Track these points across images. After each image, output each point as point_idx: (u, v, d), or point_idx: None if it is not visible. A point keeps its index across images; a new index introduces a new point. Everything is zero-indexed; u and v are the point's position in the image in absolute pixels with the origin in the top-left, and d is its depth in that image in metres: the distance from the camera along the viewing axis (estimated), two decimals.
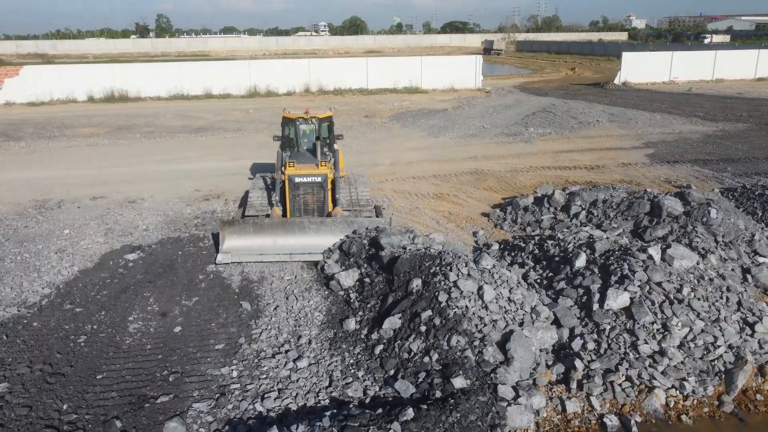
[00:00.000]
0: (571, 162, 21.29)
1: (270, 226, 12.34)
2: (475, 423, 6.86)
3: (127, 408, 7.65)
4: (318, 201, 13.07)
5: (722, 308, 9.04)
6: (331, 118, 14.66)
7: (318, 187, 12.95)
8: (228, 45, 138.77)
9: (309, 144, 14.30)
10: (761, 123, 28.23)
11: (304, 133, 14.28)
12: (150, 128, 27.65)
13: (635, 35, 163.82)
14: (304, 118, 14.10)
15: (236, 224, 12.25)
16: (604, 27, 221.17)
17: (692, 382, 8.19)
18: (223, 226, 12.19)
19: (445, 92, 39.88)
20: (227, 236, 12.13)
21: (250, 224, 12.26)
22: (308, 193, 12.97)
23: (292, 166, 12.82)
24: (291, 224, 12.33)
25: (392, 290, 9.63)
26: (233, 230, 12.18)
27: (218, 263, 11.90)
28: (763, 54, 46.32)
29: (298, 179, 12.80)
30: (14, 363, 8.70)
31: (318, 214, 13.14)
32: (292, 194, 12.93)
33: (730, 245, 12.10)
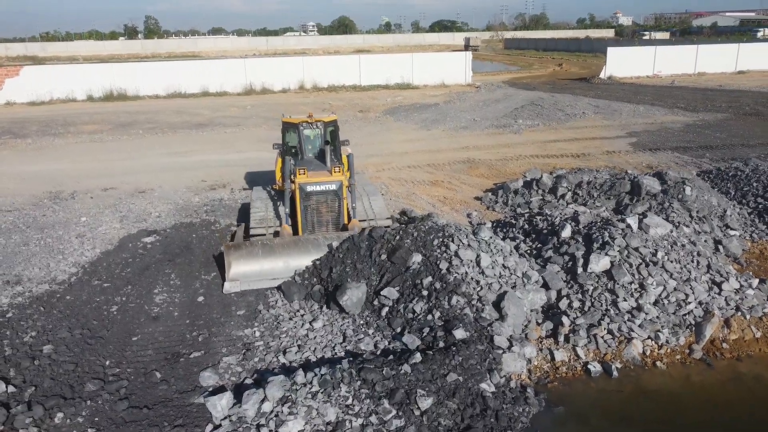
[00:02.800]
0: (558, 151, 22.33)
1: (281, 246, 11.04)
2: (474, 366, 7.83)
3: (163, 362, 8.57)
4: (332, 211, 11.81)
5: (693, 270, 10.08)
6: (336, 121, 13.43)
7: (332, 195, 11.66)
8: (218, 45, 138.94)
9: (314, 151, 13.12)
10: (739, 113, 29.45)
11: (308, 138, 13.04)
12: (151, 124, 28.46)
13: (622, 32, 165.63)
14: (308, 122, 12.84)
15: (243, 247, 10.92)
16: (591, 24, 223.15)
17: (666, 334, 9.21)
18: (228, 250, 10.82)
19: (436, 88, 40.93)
20: (233, 262, 10.73)
21: (258, 246, 10.98)
22: (321, 202, 11.71)
23: (302, 173, 11.39)
24: (305, 242, 11.06)
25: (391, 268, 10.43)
26: (240, 254, 10.81)
27: (226, 293, 10.55)
28: (743, 48, 47.75)
29: (310, 188, 11.45)
30: (54, 329, 9.56)
31: (332, 226, 11.93)
32: (304, 205, 11.61)
33: (704, 219, 13.20)
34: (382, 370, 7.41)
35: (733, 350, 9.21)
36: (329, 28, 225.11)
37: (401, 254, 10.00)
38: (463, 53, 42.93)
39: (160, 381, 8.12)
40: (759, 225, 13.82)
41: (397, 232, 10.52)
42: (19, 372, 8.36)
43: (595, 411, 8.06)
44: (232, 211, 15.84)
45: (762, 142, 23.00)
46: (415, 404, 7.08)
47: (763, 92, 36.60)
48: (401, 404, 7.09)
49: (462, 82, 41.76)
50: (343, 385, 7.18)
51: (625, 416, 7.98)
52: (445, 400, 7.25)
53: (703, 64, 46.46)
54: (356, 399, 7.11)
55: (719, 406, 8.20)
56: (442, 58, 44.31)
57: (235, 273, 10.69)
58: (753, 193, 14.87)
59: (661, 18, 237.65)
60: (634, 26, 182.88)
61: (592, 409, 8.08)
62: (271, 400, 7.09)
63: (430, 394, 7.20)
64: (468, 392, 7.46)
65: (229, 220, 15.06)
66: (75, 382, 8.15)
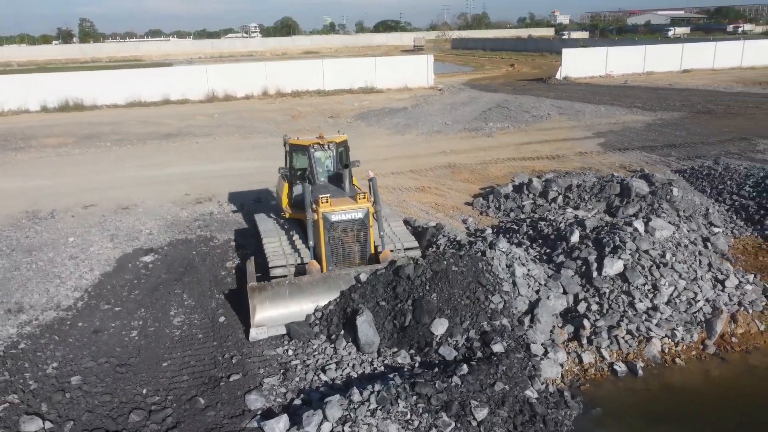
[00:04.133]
0: (532, 153, 22.96)
1: (310, 284, 10.14)
2: (517, 374, 8.09)
3: (203, 387, 8.48)
4: (360, 242, 10.83)
5: (698, 269, 10.66)
6: (347, 141, 12.35)
7: (359, 225, 10.68)
8: (161, 49, 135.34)
9: (326, 174, 12.18)
10: (693, 111, 30.96)
11: (319, 161, 12.03)
12: (118, 136, 27.62)
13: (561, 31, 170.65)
14: (320, 144, 11.84)
15: (269, 289, 10.00)
16: (532, 23, 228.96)
17: (681, 331, 9.74)
18: (252, 293, 9.86)
19: (400, 91, 41.27)
20: (259, 305, 9.79)
21: (285, 286, 10.05)
22: (347, 233, 10.69)
23: (325, 202, 10.37)
24: (335, 279, 10.19)
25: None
26: (265, 296, 9.90)
27: (253, 341, 9.62)
28: (687, 48, 50.20)
29: (335, 217, 10.44)
30: (77, 359, 9.31)
31: (359, 257, 10.92)
32: (328, 236, 10.54)
33: (691, 218, 13.93)
34: (434, 384, 7.58)
35: (742, 343, 9.81)
36: (272, 30, 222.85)
37: (424, 310, 9.35)
38: (425, 56, 43.45)
39: (205, 407, 8.03)
40: (737, 221, 14.67)
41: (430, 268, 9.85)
42: (51, 406, 8.12)
43: (629, 410, 8.46)
44: (226, 225, 15.64)
45: (719, 139, 24.27)
46: (471, 415, 7.28)
47: (709, 90, 38.56)
48: (458, 416, 7.28)
49: (425, 85, 42.27)
50: (400, 401, 7.31)
51: (656, 413, 8.40)
52: (496, 409, 7.48)
53: (651, 64, 48.54)
54: (414, 414, 7.25)
55: (740, 398, 8.74)
56: (405, 62, 44.76)
57: (261, 318, 9.76)
58: (728, 191, 15.75)
59: (597, 16, 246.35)
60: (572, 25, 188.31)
61: (626, 408, 8.47)
62: (331, 420, 7.14)
63: (483, 404, 7.41)
64: (515, 400, 7.71)
65: (225, 235, 14.87)
66: (115, 413, 7.98)
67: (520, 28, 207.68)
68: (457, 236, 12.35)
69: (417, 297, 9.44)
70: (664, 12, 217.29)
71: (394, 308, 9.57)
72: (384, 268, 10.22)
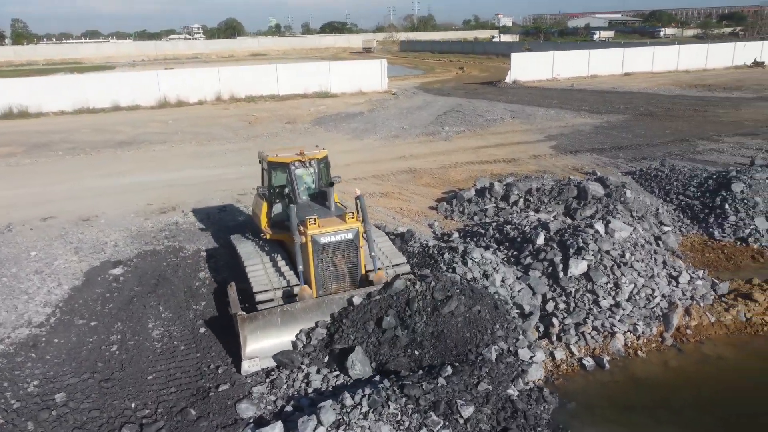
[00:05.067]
0: (489, 156, 23.70)
1: (303, 311, 9.78)
2: (499, 374, 8.56)
3: (193, 399, 8.60)
4: (350, 263, 10.43)
5: (654, 267, 11.43)
6: (327, 157, 12.02)
7: (349, 246, 10.28)
8: (102, 51, 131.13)
9: (306, 193, 11.73)
10: (636, 114, 32.52)
11: (300, 179, 11.58)
12: (70, 144, 26.86)
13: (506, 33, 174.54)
14: (302, 161, 11.39)
15: (259, 318, 9.50)
16: (477, 26, 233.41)
17: (641, 326, 10.44)
18: (243, 322, 9.29)
19: (354, 95, 41.55)
20: (250, 335, 9.29)
21: (277, 314, 9.62)
22: (337, 254, 10.29)
23: (313, 223, 9.97)
24: (329, 304, 9.90)
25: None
26: (256, 326, 9.41)
27: (245, 373, 9.14)
28: (628, 52, 52.54)
29: (324, 239, 10.03)
30: (58, 376, 9.24)
31: (350, 279, 10.51)
32: (317, 258, 10.10)
33: (643, 218, 14.82)
34: (421, 385, 7.95)
35: (696, 335, 10.60)
36: (216, 31, 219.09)
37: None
38: (379, 61, 43.89)
39: (197, 418, 8.17)
40: (684, 220, 15.69)
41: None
42: (38, 425, 8.10)
43: (599, 401, 9.05)
44: (194, 235, 15.58)
45: (662, 141, 25.65)
46: (458, 413, 7.69)
47: (650, 93, 40.49)
48: (446, 415, 7.68)
49: (379, 89, 42.71)
50: (391, 403, 7.65)
51: (624, 403, 9.03)
52: (481, 407, 7.92)
53: (595, 67, 50.53)
54: (405, 414, 7.60)
55: (696, 385, 9.48)
56: (359, 66, 45.01)
57: (253, 349, 9.25)
58: (675, 192, 16.79)
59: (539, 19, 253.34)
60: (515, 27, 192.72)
61: (597, 400, 9.06)
62: (326, 424, 7.41)
63: (468, 402, 7.83)
64: (498, 398, 8.17)
65: (194, 245, 14.82)
66: (105, 429, 8.02)
67: (466, 30, 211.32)
68: (428, 242, 12.78)
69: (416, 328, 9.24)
70: (603, 15, 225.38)
71: (386, 337, 9.25)
72: (377, 292, 9.89)
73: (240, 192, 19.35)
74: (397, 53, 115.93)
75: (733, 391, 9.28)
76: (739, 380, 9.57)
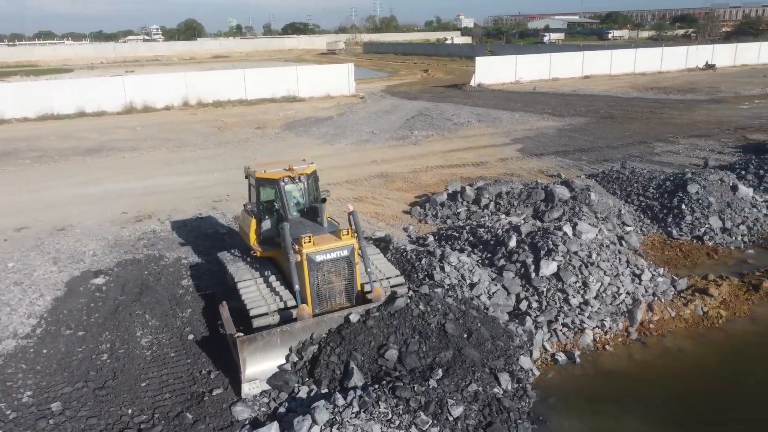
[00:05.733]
0: (458, 160, 24.38)
1: (303, 331, 9.64)
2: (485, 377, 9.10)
3: (188, 403, 8.91)
4: (346, 280, 10.37)
5: (619, 266, 12.18)
6: (316, 171, 12.00)
7: (345, 263, 10.19)
8: (58, 53, 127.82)
9: (296, 209, 11.60)
10: (597, 117, 33.74)
11: (290, 195, 11.42)
12: (36, 152, 26.52)
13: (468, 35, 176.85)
14: (291, 177, 11.24)
15: (259, 340, 9.28)
16: (439, 27, 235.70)
17: (608, 322, 11.16)
18: (242, 345, 9.07)
19: (322, 100, 41.87)
20: (249, 358, 9.13)
21: (277, 335, 9.43)
22: (332, 272, 10.18)
23: (308, 241, 9.86)
24: (329, 323, 9.75)
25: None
26: (256, 348, 9.23)
27: (246, 396, 9.04)
28: (587, 56, 54.22)
29: (320, 257, 9.92)
30: (51, 386, 9.43)
31: (346, 296, 10.47)
32: (313, 277, 10.00)
33: (607, 219, 15.63)
34: (412, 387, 8.42)
35: (658, 329, 11.36)
36: (176, 32, 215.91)
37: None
38: (346, 65, 44.29)
39: (194, 422, 8.49)
40: (645, 220, 16.59)
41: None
42: None
43: (572, 393, 9.68)
44: (173, 243, 15.75)
45: (623, 143, 26.78)
46: (448, 413, 8.20)
47: (610, 96, 41.94)
48: (435, 414, 8.18)
49: (347, 93, 43.11)
50: (381, 403, 8.12)
51: (595, 394, 9.67)
52: (469, 405, 8.46)
53: (556, 70, 51.98)
54: (395, 414, 8.08)
55: (659, 376, 10.20)
56: (327, 70, 45.34)
57: (253, 372, 9.13)
58: (636, 193, 17.69)
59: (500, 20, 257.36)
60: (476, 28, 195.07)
61: (570, 392, 9.69)
62: (320, 423, 7.84)
63: (459, 402, 8.35)
64: (485, 396, 8.71)
65: (174, 253, 15.01)
66: None
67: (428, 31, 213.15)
68: (405, 247, 13.29)
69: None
70: (561, 17, 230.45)
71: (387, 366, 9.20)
72: (377, 309, 9.84)
73: (215, 199, 19.56)
74: (361, 55, 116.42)
75: (693, 381, 10.03)
76: (698, 371, 10.34)
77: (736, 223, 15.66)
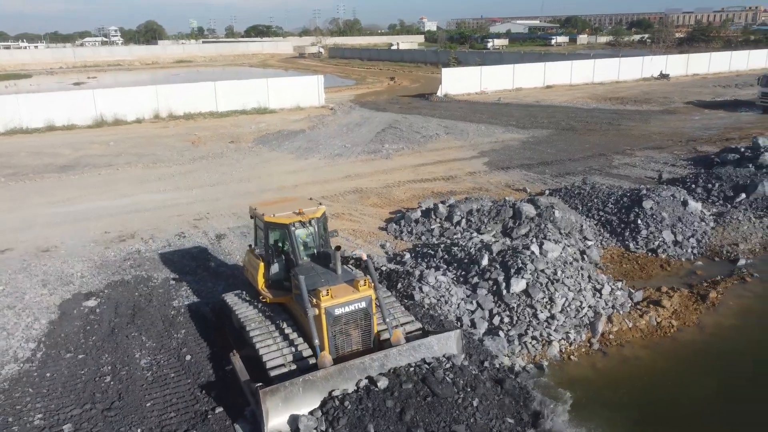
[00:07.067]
0: (429, 174, 25.43)
1: (325, 379, 9.52)
2: None
3: (193, 421, 9.63)
4: (364, 331, 10.33)
5: (581, 281, 13.35)
6: (326, 213, 11.70)
7: (363, 314, 10.13)
8: (15, 58, 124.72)
9: (306, 254, 11.43)
10: (558, 129, 35.28)
11: (299, 239, 11.27)
12: (9, 169, 26.55)
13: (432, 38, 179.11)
14: (302, 222, 11.10)
15: (281, 390, 9.19)
16: (402, 30, 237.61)
17: (573, 334, 12.29)
18: (264, 397, 9.01)
19: (292, 111, 42.51)
20: (272, 410, 9.06)
21: (299, 384, 9.30)
22: (351, 323, 10.11)
23: (326, 294, 9.74)
24: (350, 369, 9.68)
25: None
26: (278, 398, 9.14)
27: None
28: (548, 66, 56.20)
29: (338, 311, 9.81)
30: (59, 408, 10.03)
31: (363, 343, 10.40)
32: (331, 330, 9.90)
33: (570, 234, 16.84)
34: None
35: (617, 339, 12.54)
36: (135, 34, 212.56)
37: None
38: (316, 76, 45.03)
39: None
40: (605, 234, 17.88)
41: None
42: None
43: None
44: (159, 263, 16.31)
45: (583, 156, 28.25)
46: None
47: (570, 107, 43.69)
48: None
49: (316, 104, 43.83)
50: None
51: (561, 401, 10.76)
52: None
53: (519, 81, 53.76)
54: None
55: (618, 382, 11.36)
56: (297, 82, 46.01)
57: (276, 424, 9.13)
58: (596, 208, 18.99)
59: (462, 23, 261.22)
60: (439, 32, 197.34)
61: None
62: None
63: None
64: None
65: (162, 273, 15.58)
66: None
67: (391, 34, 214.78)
68: (384, 266, 14.21)
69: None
70: (523, 21, 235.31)
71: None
72: (406, 376, 9.76)
73: (195, 217, 20.14)
74: (327, 61, 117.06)
75: (648, 386, 11.20)
76: (653, 378, 11.49)
77: (687, 237, 17.05)
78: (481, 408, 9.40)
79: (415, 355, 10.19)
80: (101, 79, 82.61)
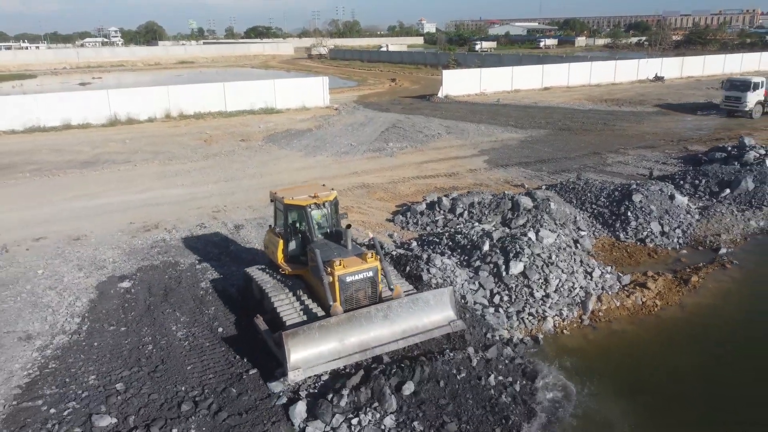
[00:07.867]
0: (432, 171, 26.75)
1: (337, 325, 11.04)
2: None
3: (230, 381, 10.94)
4: (369, 294, 11.92)
5: (574, 265, 14.68)
6: (337, 197, 13.29)
7: (369, 281, 11.77)
8: (19, 58, 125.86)
9: (320, 232, 12.98)
10: (555, 129, 36.64)
11: (315, 219, 12.89)
12: (34, 166, 27.84)
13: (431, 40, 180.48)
14: (317, 204, 12.70)
15: (300, 333, 10.65)
16: (401, 31, 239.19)
17: (566, 311, 13.61)
18: (287, 338, 10.47)
19: (298, 111, 43.85)
20: (293, 348, 10.57)
21: (316, 328, 10.83)
22: (360, 290, 11.76)
23: (339, 264, 11.35)
24: (358, 317, 11.25)
25: None
26: (298, 340, 10.64)
27: (291, 382, 10.60)
28: (546, 69, 57.61)
29: (349, 278, 11.49)
30: (110, 371, 11.32)
31: (370, 301, 11.99)
32: (343, 295, 11.54)
33: (564, 225, 18.16)
34: None
35: (606, 316, 13.85)
36: (135, 34, 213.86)
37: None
38: (321, 78, 46.40)
39: (238, 394, 10.54)
40: (597, 225, 19.20)
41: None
42: (110, 407, 10.23)
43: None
44: (184, 250, 17.58)
45: (578, 154, 29.58)
46: None
47: (567, 108, 45.07)
48: None
49: (321, 105, 45.17)
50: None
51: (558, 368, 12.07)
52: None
53: (518, 82, 55.17)
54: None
55: (607, 354, 12.68)
56: (303, 83, 47.33)
57: (296, 360, 10.57)
58: (589, 201, 20.33)
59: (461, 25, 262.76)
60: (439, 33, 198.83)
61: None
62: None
63: None
64: None
65: (188, 259, 16.85)
66: (166, 406, 10.26)
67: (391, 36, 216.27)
68: (393, 251, 15.51)
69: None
70: (521, 23, 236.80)
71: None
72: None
73: (214, 209, 21.43)
74: (328, 62, 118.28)
75: (634, 357, 12.52)
76: (638, 349, 12.82)
77: (673, 227, 18.38)
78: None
79: (414, 306, 11.69)
80: (106, 80, 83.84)
